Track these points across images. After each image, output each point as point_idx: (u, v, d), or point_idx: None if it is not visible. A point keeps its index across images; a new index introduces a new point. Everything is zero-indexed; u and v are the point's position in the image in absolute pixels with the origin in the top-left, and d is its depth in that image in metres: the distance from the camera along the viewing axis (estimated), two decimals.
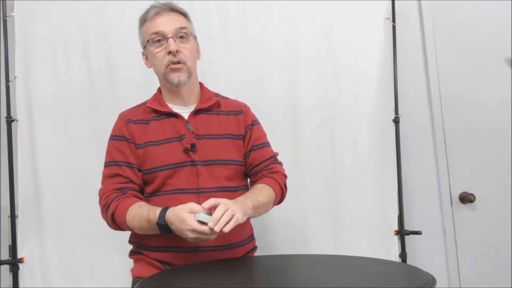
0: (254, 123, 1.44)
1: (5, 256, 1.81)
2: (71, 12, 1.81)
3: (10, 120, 1.76)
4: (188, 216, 1.12)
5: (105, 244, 1.75)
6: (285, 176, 1.43)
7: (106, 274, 1.76)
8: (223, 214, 1.12)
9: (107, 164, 1.34)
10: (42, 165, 1.77)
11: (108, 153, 1.35)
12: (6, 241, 1.82)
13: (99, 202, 1.32)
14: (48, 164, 1.77)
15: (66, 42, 1.81)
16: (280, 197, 1.40)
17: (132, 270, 1.36)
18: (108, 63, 1.83)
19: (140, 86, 1.75)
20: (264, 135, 1.46)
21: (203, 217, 1.12)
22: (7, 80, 1.77)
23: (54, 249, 1.76)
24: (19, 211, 1.74)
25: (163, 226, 1.17)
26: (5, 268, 1.77)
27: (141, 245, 1.33)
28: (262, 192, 1.32)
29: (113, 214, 1.26)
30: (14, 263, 1.72)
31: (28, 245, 1.74)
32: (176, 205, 1.21)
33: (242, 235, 1.35)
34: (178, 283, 1.09)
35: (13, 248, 1.74)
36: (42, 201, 1.76)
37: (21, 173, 1.75)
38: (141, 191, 1.34)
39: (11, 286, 1.74)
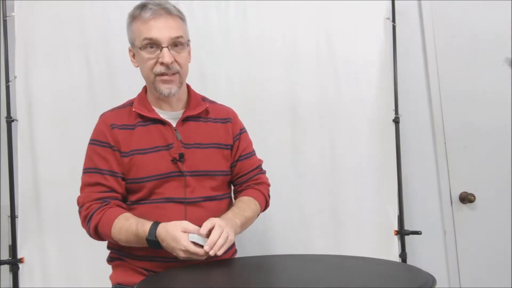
0: (242, 131, 1.43)
1: (5, 256, 1.81)
2: (71, 12, 1.81)
3: (10, 120, 1.76)
4: (181, 235, 1.10)
5: (105, 244, 1.75)
6: (269, 185, 1.46)
7: (105, 274, 1.74)
8: (219, 237, 1.11)
9: (87, 171, 1.26)
10: (42, 165, 1.77)
11: (89, 158, 1.27)
12: (6, 241, 1.82)
13: (79, 212, 1.25)
14: (48, 164, 1.77)
15: (66, 42, 1.81)
16: (264, 207, 1.42)
17: (112, 277, 1.31)
18: (108, 63, 1.82)
19: (140, 86, 1.73)
20: (250, 143, 1.45)
21: (198, 238, 1.10)
22: (7, 80, 1.77)
23: (54, 249, 1.76)
24: (19, 211, 1.74)
25: (154, 242, 1.14)
26: (5, 268, 1.77)
27: (122, 251, 1.29)
28: (249, 206, 1.32)
29: (96, 227, 1.21)
30: (14, 263, 1.72)
31: (28, 245, 1.74)
32: (162, 214, 1.20)
33: None
34: (181, 284, 1.09)
35: (13, 248, 1.74)
36: (42, 201, 1.76)
37: (21, 173, 1.75)
38: (123, 199, 1.28)
39: (11, 286, 1.73)
